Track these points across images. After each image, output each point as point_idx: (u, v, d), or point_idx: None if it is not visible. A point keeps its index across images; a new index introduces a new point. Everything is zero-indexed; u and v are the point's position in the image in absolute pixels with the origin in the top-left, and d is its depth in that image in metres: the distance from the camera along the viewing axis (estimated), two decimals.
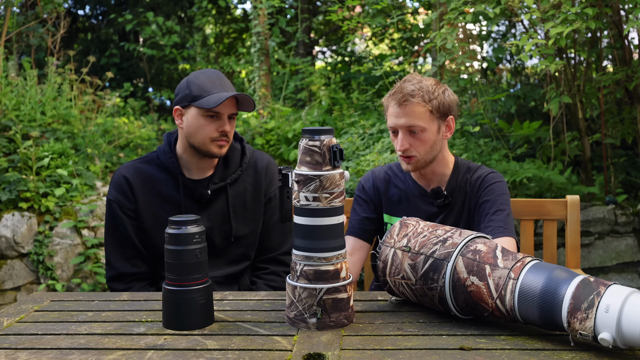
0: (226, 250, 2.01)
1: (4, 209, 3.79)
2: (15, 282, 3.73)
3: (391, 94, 1.91)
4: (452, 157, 2.01)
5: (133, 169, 1.99)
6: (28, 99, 4.51)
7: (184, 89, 1.93)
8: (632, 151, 4.38)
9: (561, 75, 3.80)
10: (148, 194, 1.97)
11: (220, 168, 2.02)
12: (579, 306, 1.17)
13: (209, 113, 1.89)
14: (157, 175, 1.99)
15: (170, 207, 1.97)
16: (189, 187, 1.97)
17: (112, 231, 1.99)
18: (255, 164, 2.07)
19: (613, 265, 3.76)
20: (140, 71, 9.06)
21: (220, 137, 1.92)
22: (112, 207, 1.98)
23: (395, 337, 1.29)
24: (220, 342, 1.29)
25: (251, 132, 5.45)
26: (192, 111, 1.92)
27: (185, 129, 1.94)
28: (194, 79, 1.93)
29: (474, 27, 5.76)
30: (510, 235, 1.84)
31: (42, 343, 1.31)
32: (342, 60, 8.02)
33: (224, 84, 1.93)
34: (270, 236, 2.08)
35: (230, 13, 9.39)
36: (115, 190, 1.98)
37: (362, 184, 2.10)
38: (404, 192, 2.02)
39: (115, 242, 1.98)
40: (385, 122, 4.37)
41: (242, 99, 1.93)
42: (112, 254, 1.99)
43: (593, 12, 3.02)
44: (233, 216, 2.01)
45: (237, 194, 2.02)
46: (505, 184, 1.97)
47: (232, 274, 2.03)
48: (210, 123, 1.90)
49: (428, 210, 1.98)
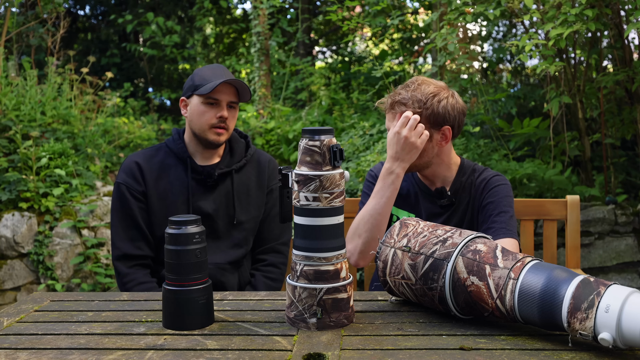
0: (228, 234, 2.10)
1: (4, 209, 3.79)
2: (15, 282, 3.73)
3: (388, 96, 1.94)
4: (457, 159, 2.00)
5: (143, 156, 2.10)
6: (28, 99, 4.50)
7: (189, 81, 2.08)
8: (632, 151, 4.37)
9: (561, 75, 3.80)
10: (157, 177, 2.07)
11: (227, 156, 2.13)
12: (579, 306, 1.17)
13: (208, 100, 2.01)
14: (166, 161, 2.09)
15: (178, 188, 2.06)
16: (196, 170, 2.07)
17: (119, 213, 2.06)
18: (258, 158, 2.19)
19: (613, 265, 3.76)
20: (141, 71, 9.06)
21: (219, 123, 2.02)
22: (120, 190, 2.06)
23: (395, 337, 1.29)
24: (220, 342, 1.29)
25: (251, 132, 5.45)
26: (194, 100, 2.05)
27: (189, 117, 2.07)
28: (198, 72, 2.07)
29: (474, 27, 5.76)
30: (512, 237, 1.84)
31: (42, 343, 1.31)
32: (342, 60, 8.01)
33: (225, 74, 2.03)
34: (271, 227, 2.18)
35: (231, 13, 9.39)
36: (125, 174, 2.06)
37: (373, 172, 2.09)
38: (411, 188, 2.03)
39: (121, 223, 2.06)
40: (385, 123, 4.38)
41: (240, 89, 2.03)
42: (117, 235, 2.06)
43: (593, 13, 3.02)
44: (237, 200, 2.10)
45: (241, 182, 2.13)
46: (510, 186, 1.97)
47: (235, 261, 2.10)
48: (210, 109, 2.02)
49: (432, 209, 1.99)
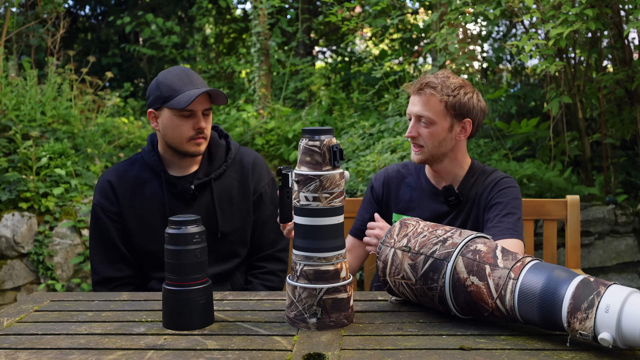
0: (213, 247, 1.95)
1: (4, 209, 3.79)
2: (15, 282, 3.73)
3: (414, 82, 1.92)
4: (469, 159, 2.00)
5: (116, 173, 1.99)
6: (28, 99, 4.50)
7: (154, 90, 1.91)
8: (632, 151, 4.37)
9: (561, 75, 3.79)
10: (131, 195, 1.96)
11: (205, 164, 2.00)
12: (579, 306, 1.17)
13: (183, 113, 1.87)
14: (141, 175, 1.98)
15: (154, 206, 1.95)
16: (172, 184, 1.96)
17: (95, 235, 1.98)
18: (241, 160, 2.05)
19: (613, 265, 3.76)
20: (141, 71, 9.06)
21: (197, 134, 1.90)
22: (95, 211, 1.97)
23: (395, 337, 1.29)
24: (220, 342, 1.29)
25: (251, 132, 5.44)
26: (165, 113, 1.90)
27: (162, 130, 1.92)
28: (163, 80, 1.90)
29: (474, 27, 5.76)
30: (519, 238, 1.84)
31: (42, 343, 1.31)
32: (342, 60, 8.01)
33: (193, 80, 1.90)
34: (265, 232, 2.06)
35: (230, 13, 9.39)
36: (99, 194, 1.97)
37: (372, 182, 2.10)
38: (415, 191, 2.02)
39: (99, 246, 1.98)
40: (385, 123, 4.38)
41: (214, 94, 1.90)
42: (95, 258, 1.98)
43: (593, 13, 3.02)
44: (219, 211, 1.98)
45: (223, 190, 2.00)
46: (519, 189, 1.97)
47: (222, 273, 2.00)
48: (185, 122, 1.89)
49: (438, 209, 1.97)
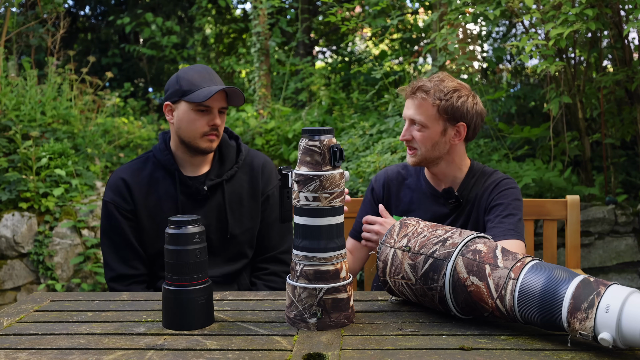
0: (223, 248, 2.00)
1: (4, 209, 3.78)
2: (15, 282, 3.73)
3: (409, 84, 1.92)
4: (468, 161, 2.00)
5: (130, 171, 2.00)
6: (28, 99, 4.50)
7: (174, 84, 1.94)
8: (632, 151, 4.37)
9: (561, 75, 3.79)
10: (146, 193, 1.97)
11: (216, 165, 2.01)
12: (579, 306, 1.17)
13: (200, 107, 1.90)
14: (154, 174, 1.99)
15: (167, 205, 1.97)
16: (185, 184, 1.97)
17: (109, 233, 1.98)
18: (251, 162, 2.07)
19: (613, 265, 3.76)
20: (141, 71, 9.06)
21: (211, 131, 1.92)
22: (108, 209, 1.97)
23: (395, 337, 1.29)
24: (220, 342, 1.29)
25: (251, 132, 5.44)
26: (182, 106, 1.92)
27: (176, 124, 1.94)
28: (183, 75, 1.93)
29: (475, 27, 5.76)
30: (520, 239, 1.84)
31: (42, 343, 1.31)
32: (342, 60, 8.01)
33: (213, 78, 1.93)
34: (270, 235, 2.07)
35: (230, 13, 9.39)
36: (112, 192, 1.97)
37: (372, 184, 2.10)
38: (415, 193, 2.02)
39: (112, 244, 1.98)
40: (385, 123, 4.38)
41: (231, 93, 1.93)
42: (109, 255, 1.98)
43: (593, 13, 3.02)
44: (229, 213, 2.00)
45: (233, 191, 2.02)
46: (519, 190, 1.96)
47: (230, 273, 2.02)
48: (201, 117, 1.91)
49: (439, 211, 1.97)
